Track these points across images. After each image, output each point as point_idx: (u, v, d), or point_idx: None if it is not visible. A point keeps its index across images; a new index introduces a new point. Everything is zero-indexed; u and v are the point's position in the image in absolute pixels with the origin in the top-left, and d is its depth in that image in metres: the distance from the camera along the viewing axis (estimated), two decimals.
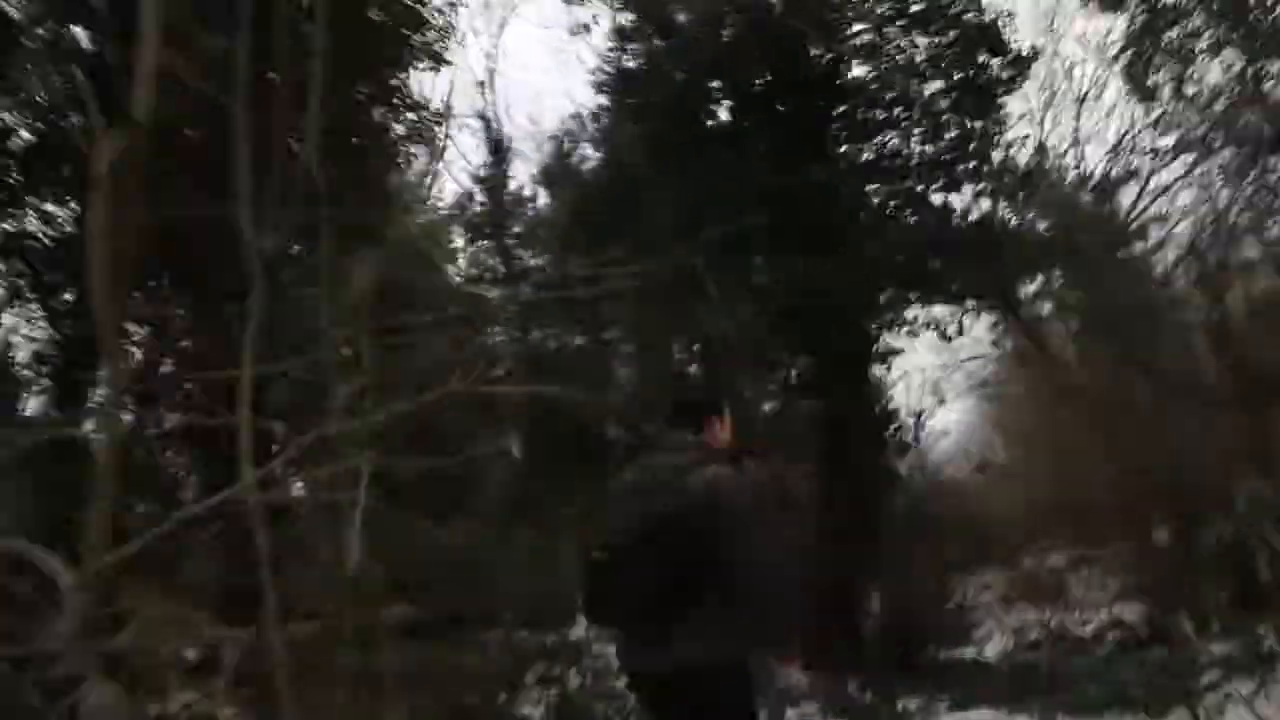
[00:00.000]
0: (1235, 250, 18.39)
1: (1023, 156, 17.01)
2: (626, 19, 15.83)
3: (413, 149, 19.47)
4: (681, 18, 15.31)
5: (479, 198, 20.31)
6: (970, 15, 15.11)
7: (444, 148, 19.71)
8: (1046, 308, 21.12)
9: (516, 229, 20.31)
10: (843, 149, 15.66)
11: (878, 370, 16.42)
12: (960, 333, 17.37)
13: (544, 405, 18.10)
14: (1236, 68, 14.29)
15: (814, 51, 15.33)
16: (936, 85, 15.44)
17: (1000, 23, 15.28)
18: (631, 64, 15.86)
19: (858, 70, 15.74)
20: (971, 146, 15.53)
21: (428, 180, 20.87)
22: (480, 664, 13.56)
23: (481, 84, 20.35)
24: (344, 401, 6.97)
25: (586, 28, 16.18)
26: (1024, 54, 15.51)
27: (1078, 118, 20.79)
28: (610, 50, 15.91)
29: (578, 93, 22.14)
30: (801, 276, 14.09)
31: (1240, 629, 11.80)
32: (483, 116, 20.20)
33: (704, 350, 16.22)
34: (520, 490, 17.19)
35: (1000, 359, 24.19)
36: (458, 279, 20.32)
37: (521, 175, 28.74)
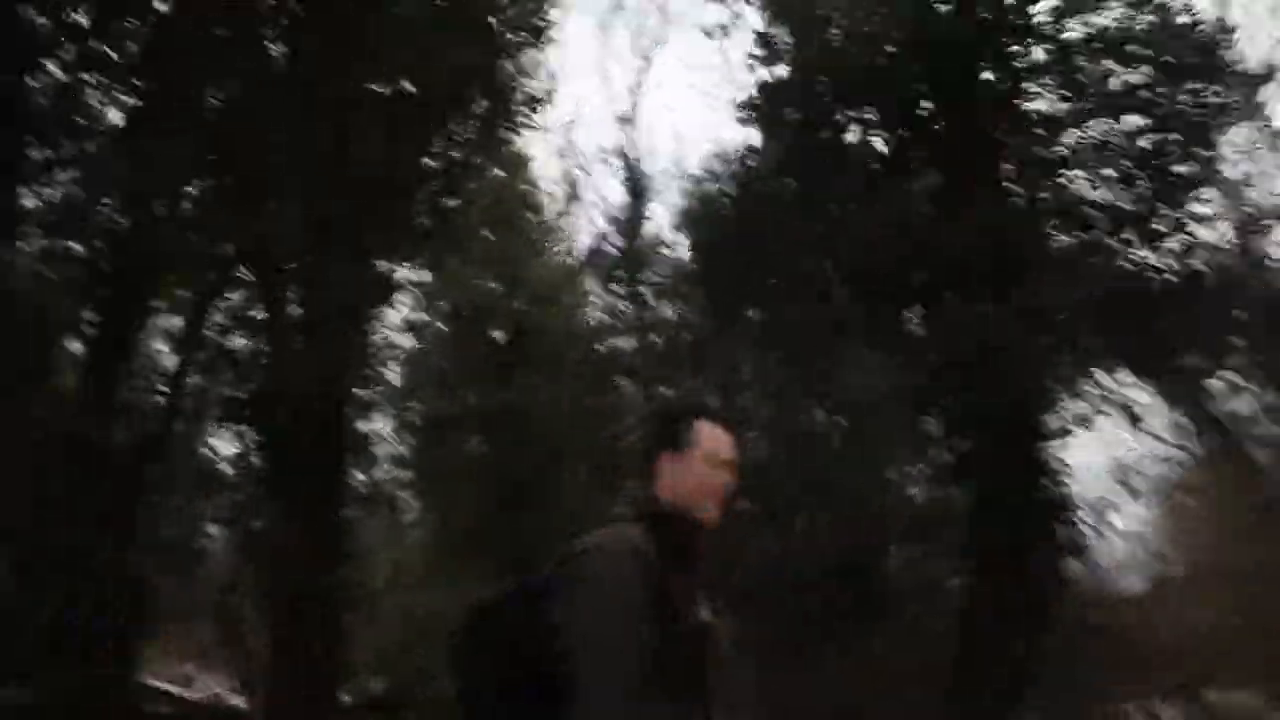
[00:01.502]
0: None
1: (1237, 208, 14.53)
2: (771, 23, 14.24)
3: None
4: (833, 28, 13.60)
5: (614, 240, 18.88)
6: (1179, 38, 12.87)
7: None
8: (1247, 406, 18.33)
9: (650, 275, 18.78)
10: (1016, 188, 13.56)
11: (1048, 452, 14.03)
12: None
13: None
14: None
15: (986, 75, 13.38)
16: (1133, 121, 13.27)
17: (1219, 41, 12.99)
18: (776, 75, 14.19)
19: (1037, 101, 13.69)
20: (1174, 194, 13.28)
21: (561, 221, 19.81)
22: None
23: (623, 120, 19.03)
24: None
25: (724, 29, 14.68)
26: (1252, 73, 13.09)
27: None
28: (754, 59, 14.27)
29: (723, 133, 20.97)
30: (963, 328, 12.07)
31: None
32: (623, 154, 18.81)
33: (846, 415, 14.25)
34: None
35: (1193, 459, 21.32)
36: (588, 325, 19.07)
37: (660, 218, 27.51)
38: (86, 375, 12.02)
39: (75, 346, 12.37)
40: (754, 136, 15.59)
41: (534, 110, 14.28)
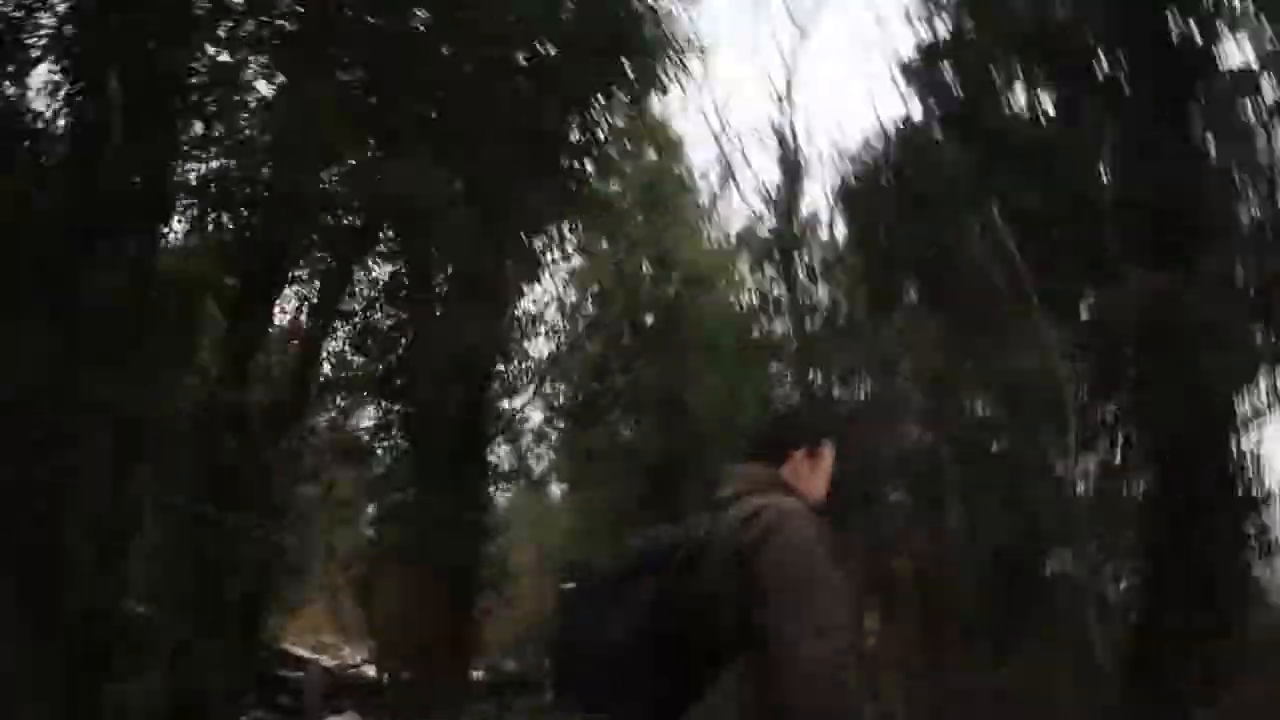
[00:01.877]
0: None
1: None
2: None
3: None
4: None
5: (769, 221, 18.22)
6: None
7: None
8: None
9: (808, 258, 18.05)
10: (1210, 147, 12.37)
11: (1239, 439, 12.77)
12: None
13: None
14: None
15: (1175, 26, 12.20)
16: None
17: None
18: (936, 35, 13.29)
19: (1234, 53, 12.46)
20: None
21: (714, 203, 19.34)
22: None
23: (780, 99, 18.34)
24: None
25: None
26: None
27: None
28: (914, 18, 13.40)
29: (881, 110, 20.26)
30: (1145, 302, 11.00)
31: None
32: (779, 133, 18.07)
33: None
34: None
35: None
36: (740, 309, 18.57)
37: (817, 198, 26.65)
38: (230, 346, 12.06)
39: (219, 317, 12.45)
40: (914, 105, 14.81)
41: (681, 73, 13.77)
